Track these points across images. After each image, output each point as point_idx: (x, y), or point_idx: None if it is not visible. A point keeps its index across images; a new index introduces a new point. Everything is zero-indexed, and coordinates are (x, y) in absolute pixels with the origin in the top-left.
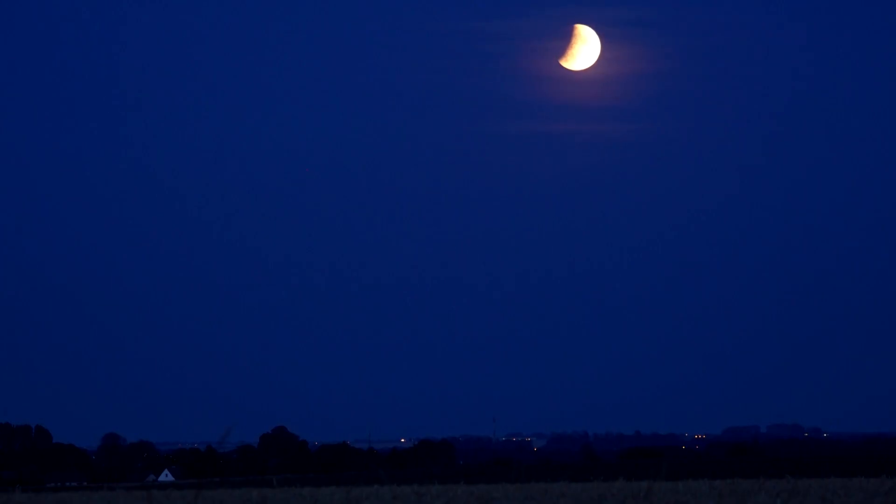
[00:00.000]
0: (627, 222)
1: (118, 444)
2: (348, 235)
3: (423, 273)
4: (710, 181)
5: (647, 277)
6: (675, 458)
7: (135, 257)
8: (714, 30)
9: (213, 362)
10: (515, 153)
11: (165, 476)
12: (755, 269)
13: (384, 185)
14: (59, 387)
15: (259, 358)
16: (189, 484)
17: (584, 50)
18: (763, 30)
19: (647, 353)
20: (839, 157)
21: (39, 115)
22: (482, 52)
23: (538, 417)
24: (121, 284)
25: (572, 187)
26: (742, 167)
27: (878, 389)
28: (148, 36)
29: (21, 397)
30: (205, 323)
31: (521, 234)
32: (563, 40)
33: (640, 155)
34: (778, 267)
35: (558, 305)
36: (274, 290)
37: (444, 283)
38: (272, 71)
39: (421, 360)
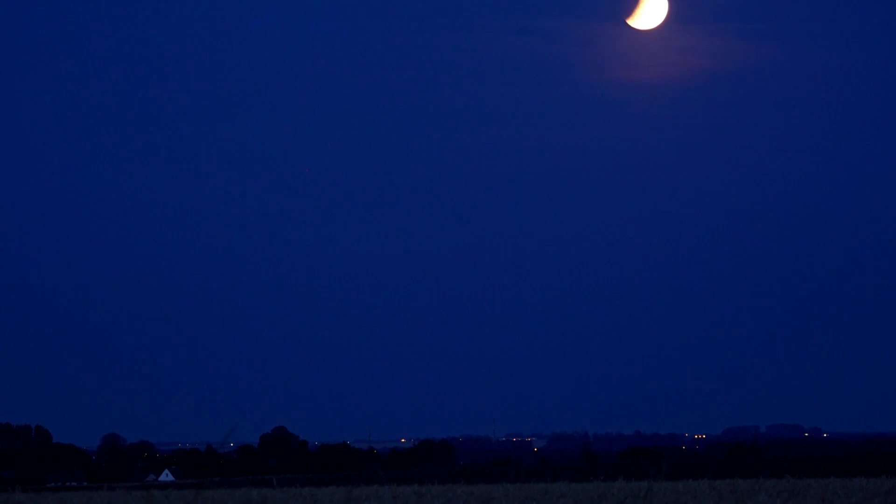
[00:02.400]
0: (626, 224)
1: (118, 444)
2: (349, 237)
3: (423, 274)
4: (709, 183)
5: (647, 278)
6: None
7: (135, 258)
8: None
9: (214, 363)
10: (511, 157)
11: (165, 476)
12: (755, 269)
13: (383, 188)
14: (59, 387)
15: (259, 358)
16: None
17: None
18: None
19: (647, 353)
20: (839, 159)
21: (39, 115)
22: (484, 57)
23: (538, 417)
24: (121, 285)
25: (570, 191)
26: (742, 169)
27: (878, 389)
28: (147, 36)
29: (21, 397)
30: (205, 323)
31: (521, 235)
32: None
33: (638, 160)
34: (778, 267)
35: (558, 306)
36: (274, 291)
37: (444, 283)
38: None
39: (421, 361)
